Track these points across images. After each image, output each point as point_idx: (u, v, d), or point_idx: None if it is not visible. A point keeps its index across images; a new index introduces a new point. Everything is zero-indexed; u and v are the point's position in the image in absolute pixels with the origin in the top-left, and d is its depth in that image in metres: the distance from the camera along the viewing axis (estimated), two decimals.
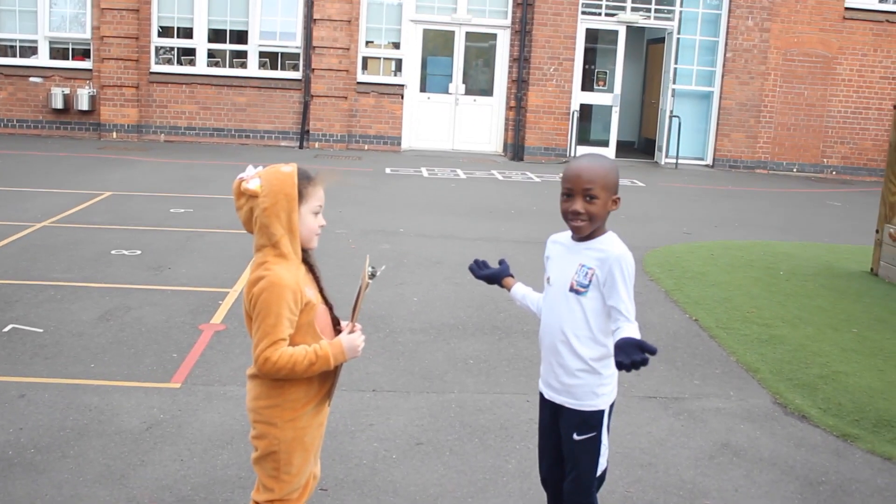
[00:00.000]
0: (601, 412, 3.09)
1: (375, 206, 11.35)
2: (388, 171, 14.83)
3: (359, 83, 17.26)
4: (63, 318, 6.18)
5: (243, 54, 17.21)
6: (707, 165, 17.96)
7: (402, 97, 17.35)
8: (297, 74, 17.23)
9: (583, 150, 17.66)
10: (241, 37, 17.17)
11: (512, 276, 3.43)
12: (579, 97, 17.57)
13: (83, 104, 16.83)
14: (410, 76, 17.41)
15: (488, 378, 5.47)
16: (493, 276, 3.44)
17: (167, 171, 13.64)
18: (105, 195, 11.12)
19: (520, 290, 3.39)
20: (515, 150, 17.43)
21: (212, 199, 11.16)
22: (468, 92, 17.62)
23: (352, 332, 2.91)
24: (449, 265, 8.34)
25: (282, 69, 17.32)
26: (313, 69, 17.01)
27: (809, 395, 5.34)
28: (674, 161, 17.63)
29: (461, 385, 5.30)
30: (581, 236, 3.05)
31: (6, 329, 5.91)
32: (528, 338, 6.25)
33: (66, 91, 16.84)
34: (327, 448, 4.35)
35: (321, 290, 2.98)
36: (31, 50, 17.06)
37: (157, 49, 17.14)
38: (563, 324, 3.07)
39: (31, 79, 16.93)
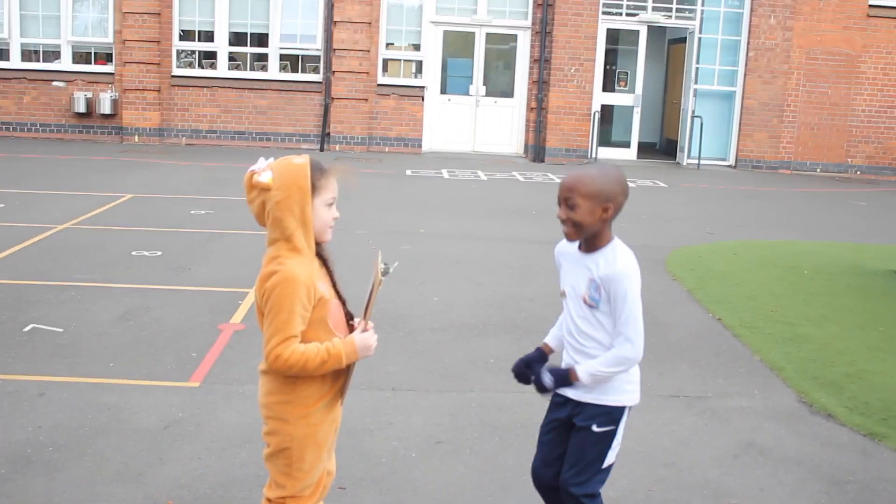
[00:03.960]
0: (624, 408, 3.10)
1: (396, 208, 11.33)
2: (408, 172, 14.81)
3: (379, 85, 17.25)
4: (83, 317, 6.18)
5: (264, 57, 17.25)
6: (729, 166, 17.82)
7: (423, 99, 17.33)
8: (318, 77, 17.25)
9: (604, 151, 17.60)
10: (261, 40, 17.21)
11: (543, 347, 3.32)
12: (600, 98, 17.48)
13: (105, 108, 16.92)
14: (431, 78, 17.38)
15: (509, 377, 5.37)
16: (534, 358, 3.29)
17: (188, 173, 13.67)
18: (126, 197, 11.16)
19: (552, 340, 3.31)
20: (536, 151, 17.37)
21: (232, 201, 11.17)
22: (489, 93, 17.57)
23: (364, 330, 2.87)
24: (469, 265, 8.30)
25: (302, 72, 17.35)
26: (334, 71, 17.02)
27: (835, 393, 5.25)
28: (696, 161, 17.51)
29: (481, 384, 5.26)
30: (573, 241, 3.07)
31: (27, 329, 5.91)
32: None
33: (89, 95, 16.93)
34: (345, 446, 4.32)
35: (334, 285, 2.94)
36: (54, 55, 17.17)
37: (179, 53, 17.20)
38: (584, 332, 3.06)
39: (54, 83, 17.04)
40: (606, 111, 17.79)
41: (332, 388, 2.89)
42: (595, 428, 3.07)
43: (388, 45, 17.26)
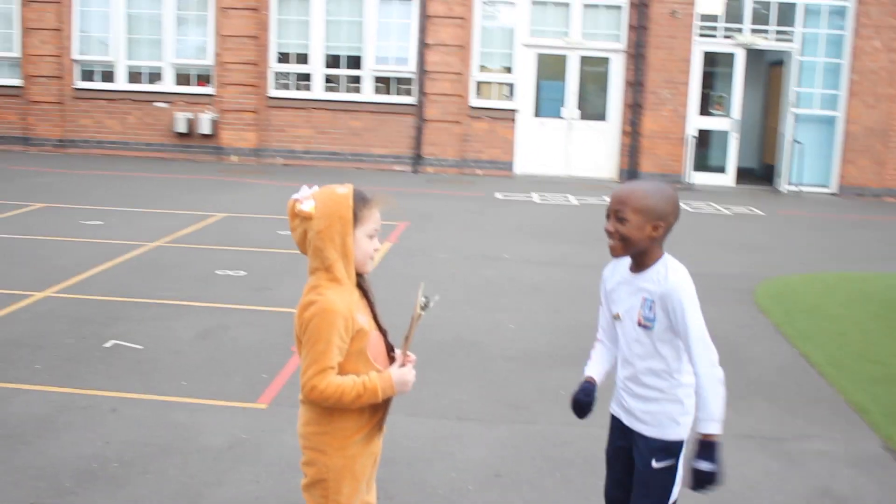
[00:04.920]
0: (681, 441, 3.01)
1: (482, 232, 11.29)
2: (498, 196, 14.76)
3: (472, 108, 17.29)
4: (163, 335, 6.32)
5: (358, 79, 17.48)
6: (832, 193, 17.22)
7: (515, 122, 17.29)
8: (411, 99, 17.39)
9: (700, 176, 17.22)
10: (355, 62, 17.45)
11: (589, 380, 3.20)
12: (696, 122, 17.15)
13: (205, 128, 17.38)
14: (523, 101, 17.34)
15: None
16: (590, 391, 3.17)
17: (281, 193, 13.88)
18: (218, 217, 11.41)
19: (595, 372, 3.19)
20: (630, 175, 17.11)
21: None
22: (582, 116, 17.42)
23: (402, 364, 2.83)
24: (550, 292, 8.19)
25: (396, 94, 17.51)
26: (426, 94, 17.13)
27: None
28: (796, 188, 16.99)
29: (548, 416, 5.16)
30: (617, 257, 2.99)
31: (108, 344, 6.07)
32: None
33: (190, 116, 17.43)
34: (402, 475, 4.29)
35: (375, 316, 2.91)
36: (157, 76, 17.74)
37: (276, 75, 17.57)
38: (639, 357, 2.98)
39: (157, 104, 17.60)
40: (703, 135, 17.43)
41: (371, 420, 2.86)
42: (655, 464, 3.00)
43: (480, 67, 17.30)
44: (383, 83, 17.55)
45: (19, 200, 11.78)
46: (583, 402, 3.14)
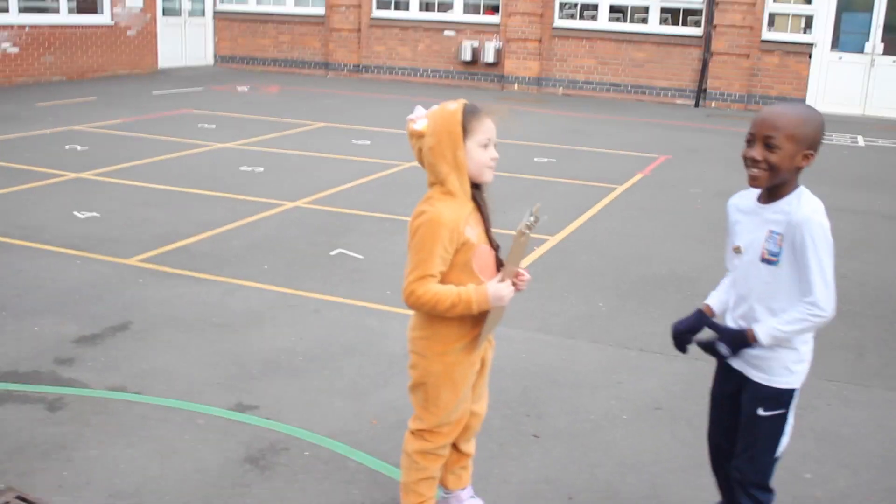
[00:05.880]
0: (793, 390, 2.84)
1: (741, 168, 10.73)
2: None
3: (763, 41, 16.28)
4: (386, 248, 6.68)
5: (644, 9, 17.00)
6: None
7: (810, 56, 16.10)
8: (698, 31, 16.67)
9: None
10: None
11: (704, 308, 3.05)
12: None
13: (489, 57, 17.73)
14: (821, 34, 16.06)
15: None
16: (694, 325, 3.04)
17: (554, 122, 13.97)
18: None
19: (716, 303, 3.03)
20: None
21: (579, 151, 11.28)
22: (886, 51, 15.87)
23: (503, 280, 2.85)
24: None
25: (682, 25, 16.87)
26: (715, 25, 16.35)
27: None
28: None
29: None
30: (760, 189, 2.78)
31: (333, 252, 6.52)
32: (841, 320, 5.63)
33: (475, 44, 17.84)
34: (560, 398, 4.32)
35: (487, 231, 2.95)
36: (448, 5, 18.27)
37: (561, 5, 17.50)
38: (758, 296, 2.81)
39: (446, 32, 18.17)
40: None
41: (473, 330, 2.93)
42: (762, 412, 2.85)
43: None
44: (670, 14, 16.95)
45: (306, 119, 12.74)
46: (676, 334, 3.03)
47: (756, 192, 2.83)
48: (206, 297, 5.49)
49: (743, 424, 2.91)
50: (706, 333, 2.97)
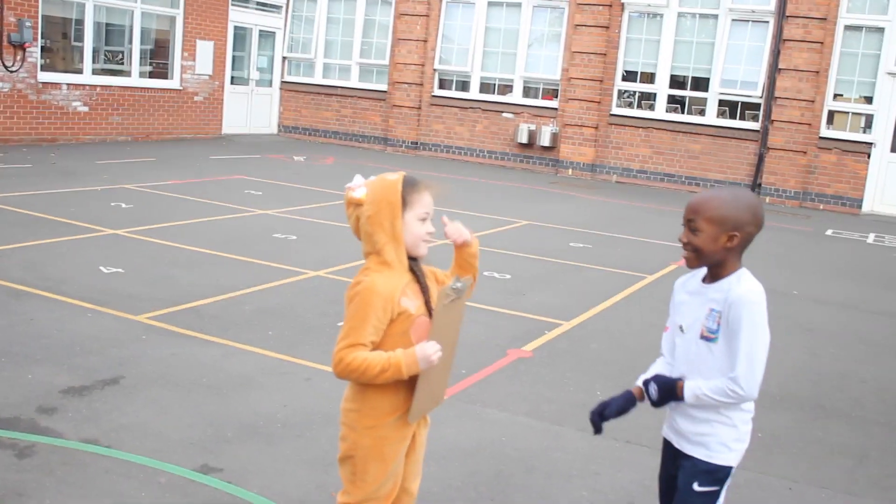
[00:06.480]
0: (729, 468, 2.84)
1: (787, 267, 10.54)
2: (828, 233, 13.68)
3: (821, 138, 16.14)
4: None
5: (702, 101, 17.03)
6: None
7: (869, 156, 15.88)
8: (755, 125, 16.61)
9: None
10: (700, 84, 17.00)
11: (634, 391, 3.00)
12: None
13: (545, 140, 17.88)
14: (881, 133, 15.87)
15: (768, 455, 4.88)
16: (623, 406, 2.99)
17: (601, 209, 13.97)
18: (520, 224, 11.74)
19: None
20: None
21: (617, 239, 11.23)
22: None
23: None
24: (820, 334, 7.53)
25: (740, 118, 16.83)
26: (773, 120, 16.28)
27: None
28: None
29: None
30: (692, 268, 2.86)
31: (341, 323, 6.53)
32: (849, 424, 5.45)
33: (532, 127, 18.02)
34: (533, 486, 4.24)
35: (427, 302, 2.94)
36: (507, 88, 18.54)
37: (620, 92, 17.62)
38: (697, 373, 2.81)
39: (504, 114, 18.40)
40: None
41: (405, 404, 2.90)
42: (696, 487, 2.84)
43: (835, 96, 16.09)
44: (727, 107, 16.94)
45: None
46: (593, 420, 2.98)
47: (702, 273, 2.87)
48: (202, 358, 5.54)
49: (677, 498, 2.88)
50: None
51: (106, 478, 3.92)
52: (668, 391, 2.83)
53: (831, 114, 16.19)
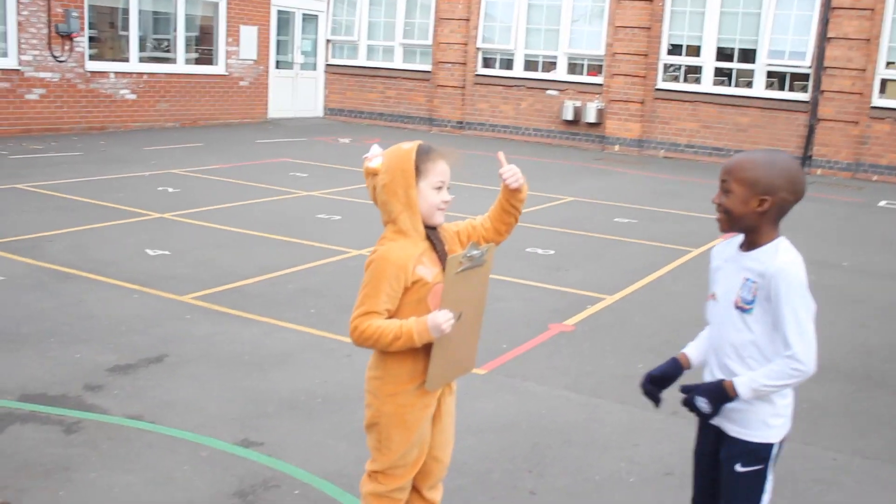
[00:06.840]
0: (770, 445, 2.73)
1: (838, 238, 10.37)
2: (881, 203, 13.40)
3: (872, 108, 15.79)
4: None
5: (749, 73, 16.75)
6: None
7: None
8: (805, 96, 16.30)
9: None
10: (748, 55, 16.72)
11: (680, 358, 2.96)
12: None
13: (591, 117, 17.74)
14: None
15: (811, 426, 4.81)
16: (668, 372, 2.94)
17: (648, 184, 13.83)
18: (566, 200, 11.67)
19: (694, 353, 2.95)
20: None
21: (663, 214, 11.12)
22: None
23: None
24: (870, 305, 7.40)
25: (789, 90, 16.52)
26: (822, 91, 15.96)
27: None
28: None
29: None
30: (724, 232, 2.76)
31: None
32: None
33: (577, 104, 17.88)
34: (569, 456, 4.24)
35: (444, 269, 2.94)
36: (551, 65, 18.40)
37: (665, 66, 17.41)
38: (731, 345, 2.73)
39: (549, 92, 18.28)
40: None
41: (425, 373, 2.90)
42: (739, 468, 2.75)
43: (888, 63, 15.72)
44: (775, 78, 16.65)
45: None
46: (646, 389, 2.93)
47: (739, 239, 2.79)
48: (244, 336, 5.62)
49: (723, 482, 2.82)
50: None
51: (149, 452, 4.00)
52: (719, 396, 2.68)
53: (884, 82, 15.82)
